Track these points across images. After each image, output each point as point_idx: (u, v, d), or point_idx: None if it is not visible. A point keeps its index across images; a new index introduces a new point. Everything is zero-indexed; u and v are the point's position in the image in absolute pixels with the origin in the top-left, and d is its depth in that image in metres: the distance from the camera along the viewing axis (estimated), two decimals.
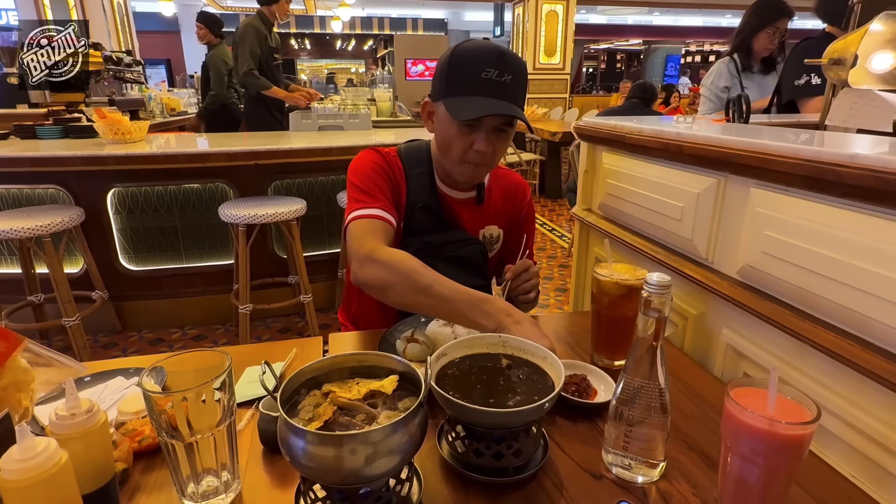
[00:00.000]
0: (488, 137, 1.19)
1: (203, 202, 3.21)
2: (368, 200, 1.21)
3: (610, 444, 0.83)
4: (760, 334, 1.03)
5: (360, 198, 1.22)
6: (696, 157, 1.13)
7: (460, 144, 1.21)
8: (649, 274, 0.75)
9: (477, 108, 1.13)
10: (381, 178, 1.28)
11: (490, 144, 1.20)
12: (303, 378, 0.77)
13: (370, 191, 1.24)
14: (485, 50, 1.16)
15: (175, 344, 3.12)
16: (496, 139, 1.21)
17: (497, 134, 1.21)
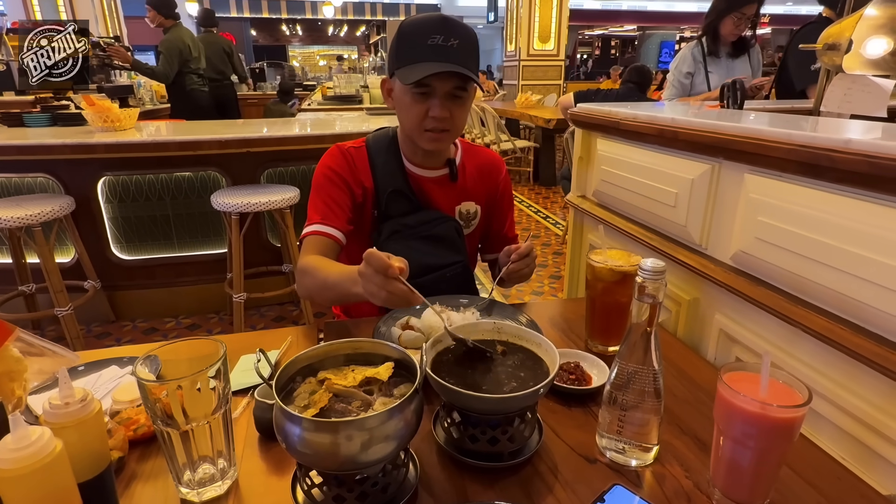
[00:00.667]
0: (443, 103, 1.21)
1: (195, 190, 3.18)
2: (313, 216, 1.29)
3: (604, 429, 0.83)
4: (753, 319, 1.03)
5: (309, 213, 1.30)
6: (690, 143, 1.13)
7: (416, 112, 1.22)
8: (643, 260, 0.75)
9: (424, 70, 1.16)
10: (331, 184, 1.32)
11: (445, 109, 1.21)
12: (298, 366, 0.77)
13: (316, 205, 1.30)
14: (429, 19, 1.20)
15: (169, 333, 3.10)
16: (452, 104, 1.22)
17: (452, 99, 1.22)
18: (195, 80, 5.13)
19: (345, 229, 1.31)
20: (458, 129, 1.30)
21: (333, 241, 1.29)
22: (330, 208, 1.31)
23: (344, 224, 1.31)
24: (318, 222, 1.29)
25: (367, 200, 1.36)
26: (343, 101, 5.48)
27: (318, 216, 1.30)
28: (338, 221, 1.30)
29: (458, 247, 1.39)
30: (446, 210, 1.41)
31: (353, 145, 1.38)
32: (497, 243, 1.55)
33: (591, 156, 1.63)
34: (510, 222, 1.54)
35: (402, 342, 1.08)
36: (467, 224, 1.45)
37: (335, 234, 1.29)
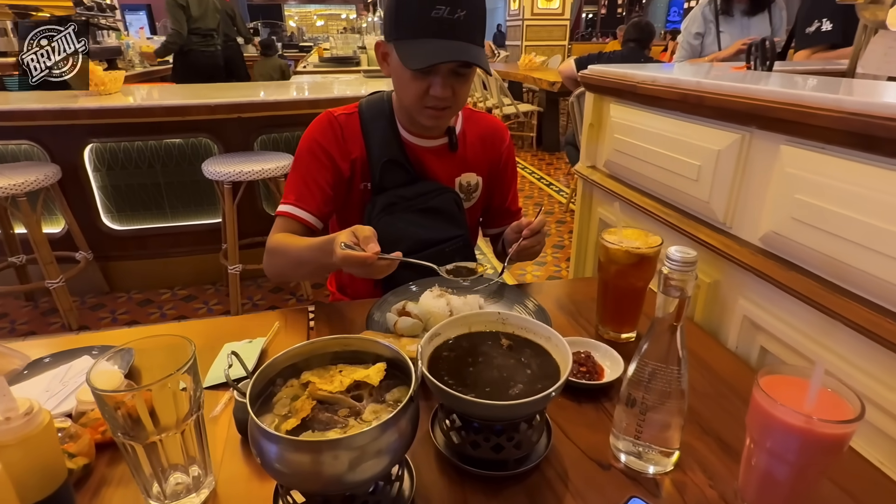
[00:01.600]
0: (445, 81, 1.10)
1: (186, 158, 3.06)
2: (289, 194, 1.23)
3: (620, 430, 0.75)
4: (782, 307, 0.95)
5: (286, 188, 1.25)
6: (718, 110, 1.01)
7: (415, 90, 1.12)
8: (671, 249, 0.65)
9: (428, 54, 1.05)
10: (314, 160, 1.22)
11: (448, 88, 1.11)
12: (278, 367, 0.68)
13: (294, 182, 1.24)
14: None
15: (164, 305, 3.04)
16: (455, 82, 1.12)
17: (455, 77, 1.11)
18: (194, 40, 4.93)
19: (321, 213, 1.23)
20: (461, 105, 1.20)
21: (305, 227, 1.22)
22: (308, 188, 1.22)
23: (320, 207, 1.23)
24: (292, 203, 1.22)
25: (357, 173, 1.26)
26: (340, 62, 5.28)
27: (293, 195, 1.22)
28: (313, 204, 1.22)
29: (457, 220, 1.29)
30: (445, 182, 1.30)
31: (344, 112, 1.27)
32: (499, 217, 1.45)
33: (603, 123, 1.51)
34: (513, 194, 1.44)
35: (399, 330, 0.99)
36: (468, 196, 1.35)
37: (308, 220, 1.22)
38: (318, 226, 1.24)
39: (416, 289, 1.16)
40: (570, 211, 4.61)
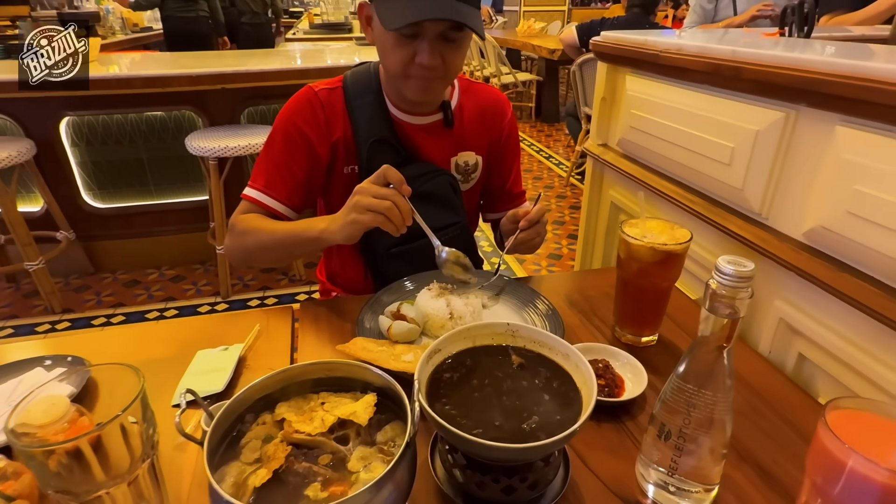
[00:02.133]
0: (433, 47, 0.96)
1: (169, 132, 2.90)
2: (257, 177, 1.11)
3: (652, 459, 0.65)
4: (827, 311, 0.84)
5: (254, 170, 1.13)
6: (759, 84, 0.88)
7: (399, 57, 0.98)
8: (722, 259, 0.54)
9: (408, 11, 0.91)
10: (289, 143, 1.10)
11: (436, 56, 0.97)
12: (247, 401, 0.57)
13: (265, 165, 1.12)
14: None
15: (152, 286, 2.93)
16: (445, 48, 0.98)
17: (444, 42, 0.97)
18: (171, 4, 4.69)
19: (291, 202, 1.11)
20: (453, 75, 1.05)
21: (273, 217, 1.10)
22: (279, 174, 1.09)
23: (290, 196, 1.10)
24: (260, 188, 1.10)
25: (339, 156, 1.13)
26: (331, 29, 5.03)
27: (262, 179, 1.10)
28: (284, 192, 1.10)
29: (454, 206, 1.17)
30: (440, 163, 1.17)
31: (327, 86, 1.13)
32: (500, 200, 1.32)
33: (618, 96, 1.37)
34: (516, 175, 1.30)
35: (393, 335, 0.88)
36: (465, 178, 1.22)
37: (276, 209, 1.10)
38: (289, 216, 1.12)
39: (412, 286, 1.04)
40: (571, 185, 4.47)
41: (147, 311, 2.70)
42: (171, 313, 2.69)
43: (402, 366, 0.79)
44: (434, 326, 0.93)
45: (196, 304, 2.76)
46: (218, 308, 2.72)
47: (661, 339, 0.95)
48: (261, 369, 0.88)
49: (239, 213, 1.10)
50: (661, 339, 0.95)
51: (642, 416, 0.78)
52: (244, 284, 2.94)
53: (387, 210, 0.88)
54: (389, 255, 1.15)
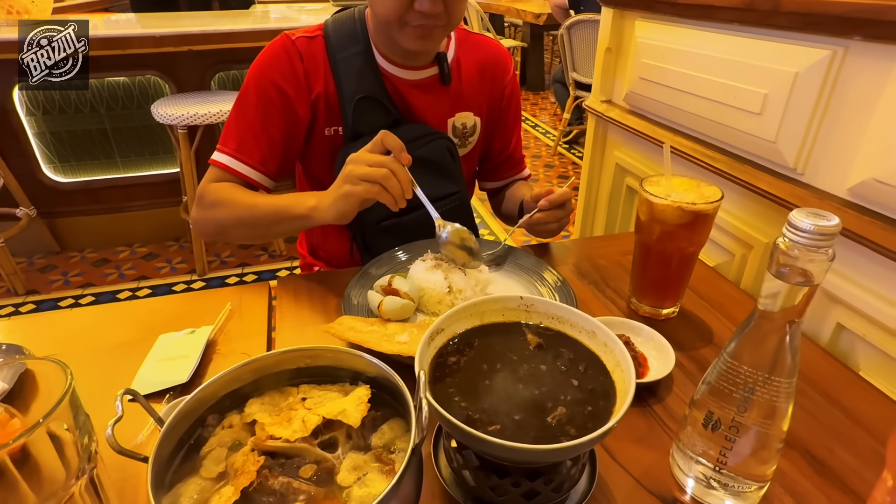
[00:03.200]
0: None
1: (134, 100, 2.70)
2: (228, 139, 0.98)
3: (696, 453, 0.56)
4: (875, 276, 0.75)
5: (224, 131, 0.99)
6: (802, 18, 0.76)
7: (394, 3, 0.85)
8: (796, 212, 0.43)
9: None
10: (264, 101, 0.96)
11: (436, 3, 0.85)
12: (210, 399, 0.46)
13: (236, 126, 0.98)
14: None
15: (123, 264, 2.77)
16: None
17: None
18: None
19: (266, 169, 0.98)
20: (455, 24, 0.92)
21: (247, 185, 0.98)
22: (253, 136, 0.96)
23: (265, 161, 0.97)
24: (231, 153, 0.96)
25: (320, 115, 0.99)
26: None
27: (233, 142, 0.96)
28: (257, 156, 0.96)
29: (452, 173, 1.05)
30: (435, 124, 1.04)
31: (305, 34, 0.99)
32: (500, 167, 1.21)
33: (625, 46, 1.24)
34: (517, 139, 1.19)
35: (385, 313, 0.77)
36: (463, 142, 1.10)
37: (251, 176, 0.97)
38: (265, 184, 1.00)
39: (405, 257, 0.93)
40: (559, 154, 4.36)
41: (118, 290, 2.55)
42: (144, 293, 2.55)
43: (397, 347, 0.69)
44: (430, 302, 0.82)
45: (170, 282, 2.62)
46: (194, 286, 2.58)
47: (681, 311, 0.86)
48: (233, 354, 0.76)
49: (208, 182, 0.97)
50: (682, 310, 0.86)
51: (670, 399, 0.69)
52: (221, 261, 2.79)
53: (384, 179, 0.77)
54: (380, 229, 1.03)
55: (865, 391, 0.70)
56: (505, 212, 1.22)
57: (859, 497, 0.56)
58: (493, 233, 3.09)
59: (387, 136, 0.80)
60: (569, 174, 3.97)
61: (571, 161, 4.27)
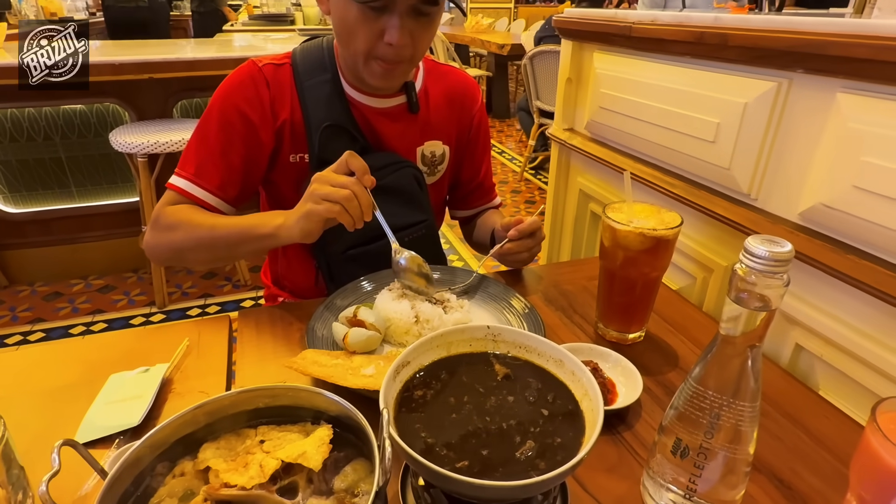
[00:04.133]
0: (403, 23, 0.84)
1: (91, 128, 2.63)
2: (186, 163, 0.96)
3: (666, 480, 0.55)
4: (828, 297, 0.77)
5: (185, 157, 0.96)
6: (748, 52, 0.80)
7: (364, 34, 0.86)
8: (751, 239, 0.44)
9: None
10: (227, 126, 0.95)
11: (406, 34, 0.85)
12: (160, 446, 0.43)
13: (196, 149, 0.96)
14: None
15: (77, 298, 2.65)
16: (415, 25, 0.86)
17: (415, 17, 0.86)
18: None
19: (225, 194, 0.96)
20: (419, 58, 0.94)
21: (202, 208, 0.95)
22: (212, 161, 0.94)
23: (224, 186, 0.95)
24: (188, 177, 0.94)
25: (285, 142, 0.98)
26: (271, 20, 4.79)
27: (192, 166, 0.94)
28: (216, 181, 0.94)
29: (419, 202, 1.04)
30: (403, 153, 1.04)
31: (273, 62, 0.98)
32: (472, 195, 1.21)
33: (584, 76, 1.28)
34: (487, 168, 1.20)
35: (350, 345, 0.75)
36: (432, 171, 1.10)
37: (208, 201, 0.94)
38: (223, 210, 0.97)
39: (370, 287, 0.91)
40: (525, 180, 4.44)
41: (71, 325, 2.43)
42: (100, 327, 2.43)
43: (362, 381, 0.67)
44: (397, 332, 0.80)
45: (128, 315, 2.51)
46: (153, 319, 2.48)
47: (647, 335, 0.86)
48: (190, 393, 0.73)
49: (164, 205, 0.94)
50: (648, 334, 0.87)
51: (639, 425, 0.69)
52: (183, 292, 2.70)
53: (345, 200, 0.77)
54: (345, 258, 1.01)
55: (826, 411, 0.72)
56: (476, 240, 1.22)
57: None
58: (462, 259, 3.09)
59: (352, 157, 0.81)
60: (535, 199, 4.03)
61: (538, 186, 4.34)
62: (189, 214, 0.91)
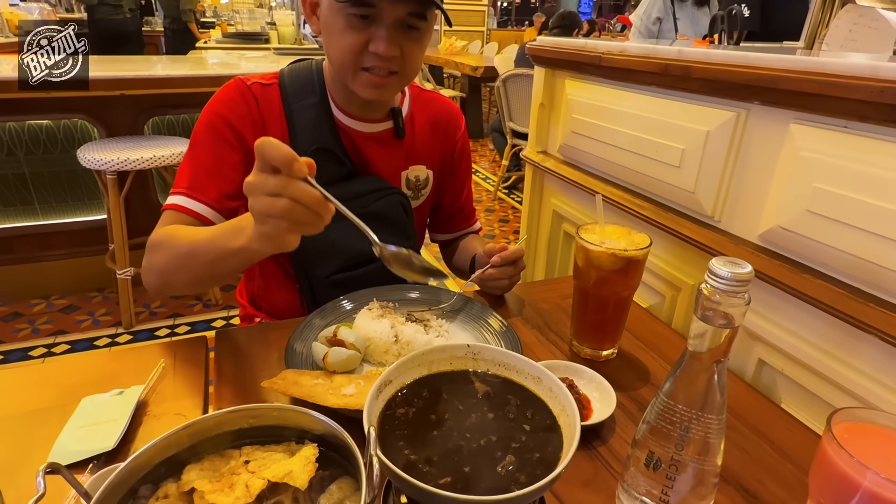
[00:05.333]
0: (391, 34, 0.86)
1: (57, 144, 2.57)
2: (181, 180, 0.94)
3: (640, 493, 0.57)
4: (787, 314, 0.81)
5: (178, 176, 0.95)
6: (709, 84, 0.86)
7: (352, 44, 0.86)
8: (715, 261, 0.48)
9: None
10: (217, 139, 0.93)
11: (393, 45, 0.86)
12: (143, 469, 0.43)
13: (189, 167, 0.95)
14: None
15: (38, 318, 2.56)
16: (404, 38, 0.88)
17: (404, 30, 0.88)
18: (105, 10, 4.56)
19: (221, 207, 0.93)
20: (412, 74, 0.95)
21: (200, 223, 0.91)
22: (207, 174, 0.93)
23: (221, 198, 0.93)
24: (182, 192, 0.92)
25: None
26: (246, 38, 4.79)
27: (185, 182, 0.92)
28: (213, 192, 0.92)
29: (405, 229, 1.06)
30: (389, 176, 1.06)
31: (260, 81, 0.99)
32: (451, 219, 1.24)
33: (557, 101, 1.33)
34: (468, 192, 1.23)
35: (330, 365, 0.76)
36: (416, 194, 1.12)
37: (204, 214, 0.91)
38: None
39: (350, 306, 0.92)
40: (499, 199, 4.50)
41: (31, 347, 2.34)
42: (62, 349, 2.35)
43: (343, 401, 0.67)
44: (377, 352, 0.81)
45: (92, 336, 2.43)
46: (119, 340, 2.41)
47: (620, 352, 0.89)
48: (167, 416, 0.72)
49: (157, 229, 0.90)
50: (621, 351, 0.90)
51: (614, 440, 0.71)
52: (150, 312, 2.64)
53: (285, 212, 0.61)
54: (329, 283, 1.01)
55: (788, 423, 0.75)
56: (457, 265, 1.24)
57: None
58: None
59: (265, 145, 0.61)
60: (509, 218, 4.09)
61: (511, 205, 4.41)
62: (172, 232, 0.86)
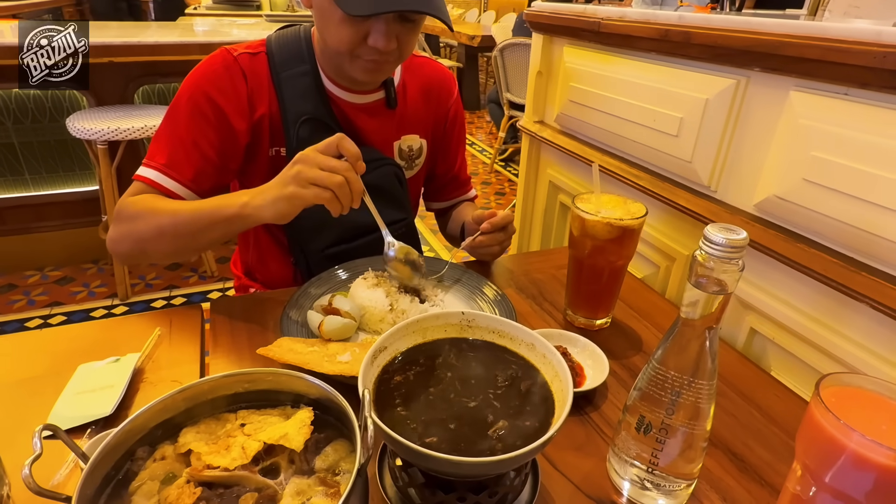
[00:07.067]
0: (389, 29, 0.84)
1: (46, 113, 2.52)
2: (156, 153, 0.91)
3: (628, 455, 0.58)
4: (781, 284, 0.82)
5: (154, 147, 0.92)
6: (710, 50, 0.84)
7: (347, 36, 0.85)
8: (710, 227, 0.47)
9: None
10: (197, 116, 0.91)
11: (390, 39, 0.85)
12: (139, 431, 0.43)
13: (166, 139, 0.92)
14: None
15: (33, 290, 2.55)
16: (401, 29, 0.87)
17: (402, 23, 0.86)
18: None
19: (198, 187, 0.91)
20: (405, 58, 0.94)
21: None
22: (185, 151, 0.90)
23: (197, 178, 0.91)
24: (159, 167, 0.89)
25: (264, 135, 0.96)
26: (237, 5, 4.66)
27: (163, 157, 0.90)
28: (189, 172, 0.90)
29: (400, 200, 1.05)
30: (382, 147, 1.05)
31: (248, 50, 0.96)
32: (447, 187, 1.23)
33: (555, 70, 1.31)
34: (462, 160, 1.21)
35: (326, 333, 0.76)
36: (409, 164, 1.11)
37: (179, 193, 0.90)
38: None
39: (345, 275, 0.92)
40: (495, 171, 4.47)
41: (26, 318, 2.34)
42: (58, 320, 2.35)
43: (339, 368, 0.68)
44: (372, 320, 0.82)
45: (88, 308, 2.43)
46: (115, 312, 2.42)
47: (613, 321, 0.90)
48: (163, 383, 0.72)
49: (128, 196, 0.89)
50: (614, 320, 0.90)
51: (606, 406, 0.73)
52: (146, 284, 2.64)
53: (336, 186, 0.74)
54: (325, 256, 1.01)
55: (777, 390, 0.77)
56: (450, 232, 1.23)
57: (775, 489, 0.61)
58: (433, 250, 3.10)
59: (344, 140, 0.76)
60: (505, 191, 4.08)
61: (508, 178, 4.39)
62: (151, 202, 0.87)
